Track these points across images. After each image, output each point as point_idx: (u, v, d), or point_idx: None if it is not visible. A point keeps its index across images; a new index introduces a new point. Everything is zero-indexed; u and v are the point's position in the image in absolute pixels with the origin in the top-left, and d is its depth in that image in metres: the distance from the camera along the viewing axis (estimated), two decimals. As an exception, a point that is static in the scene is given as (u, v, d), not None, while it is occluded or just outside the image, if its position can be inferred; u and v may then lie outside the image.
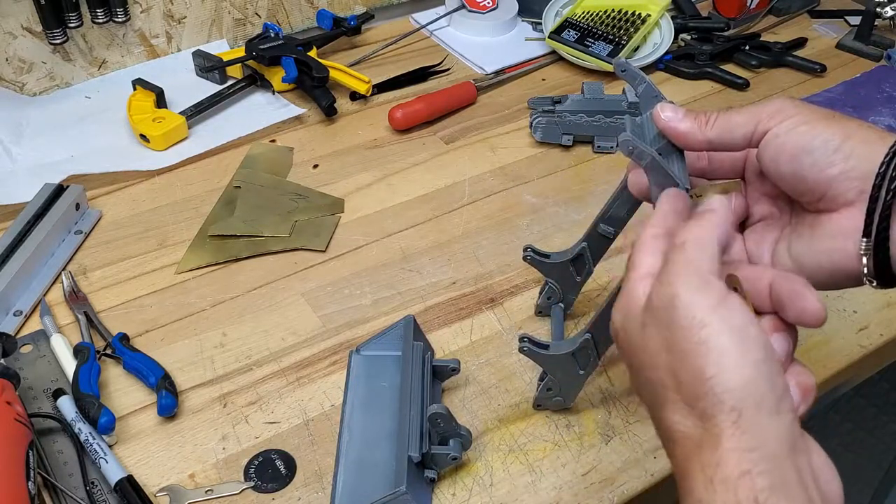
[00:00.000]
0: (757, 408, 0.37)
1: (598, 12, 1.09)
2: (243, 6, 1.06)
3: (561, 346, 0.60)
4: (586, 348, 0.58)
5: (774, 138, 0.45)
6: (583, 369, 0.60)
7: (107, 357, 0.67)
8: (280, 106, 0.98)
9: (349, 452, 0.60)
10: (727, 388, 0.37)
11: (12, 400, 0.56)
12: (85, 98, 0.98)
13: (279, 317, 0.72)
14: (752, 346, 0.38)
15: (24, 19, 0.91)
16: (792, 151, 0.45)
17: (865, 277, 0.45)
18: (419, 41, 1.13)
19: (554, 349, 0.60)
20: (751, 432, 0.37)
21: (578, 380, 0.61)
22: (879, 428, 1.00)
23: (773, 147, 0.46)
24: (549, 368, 0.61)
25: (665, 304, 0.40)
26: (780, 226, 0.50)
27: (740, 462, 0.36)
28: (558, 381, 0.61)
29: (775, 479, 0.36)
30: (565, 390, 0.62)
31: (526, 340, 0.59)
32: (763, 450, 0.37)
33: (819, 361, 0.69)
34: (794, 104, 0.46)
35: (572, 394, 0.62)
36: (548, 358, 0.60)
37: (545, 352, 0.60)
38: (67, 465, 0.59)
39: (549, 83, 1.06)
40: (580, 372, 0.60)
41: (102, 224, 0.82)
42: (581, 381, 0.61)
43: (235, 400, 0.65)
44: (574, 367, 0.60)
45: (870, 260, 0.44)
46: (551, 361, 0.60)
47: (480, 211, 0.84)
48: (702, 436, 0.38)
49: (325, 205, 0.84)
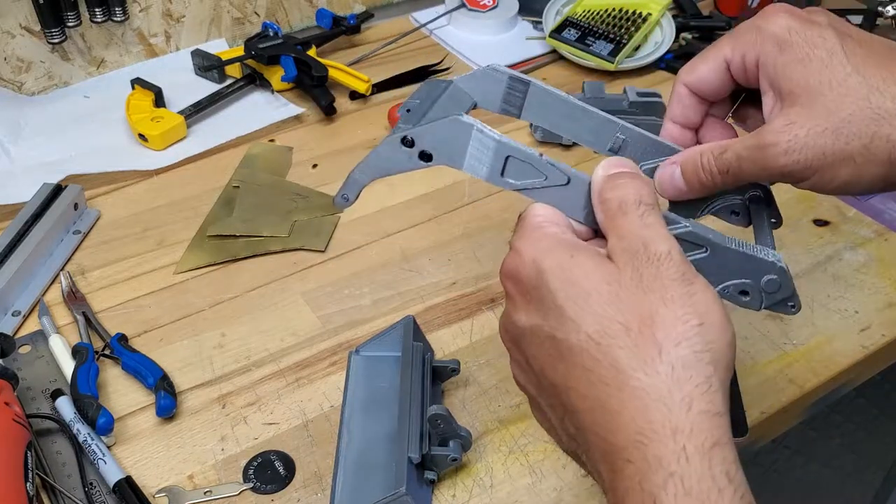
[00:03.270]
0: (726, 371, 0.37)
1: (599, 11, 1.09)
2: (242, 5, 1.05)
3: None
4: None
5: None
6: None
7: (105, 357, 0.67)
8: (279, 105, 0.98)
9: (349, 453, 0.59)
10: (711, 339, 0.36)
11: (10, 400, 0.56)
12: (83, 97, 0.97)
13: (278, 317, 0.72)
14: (729, 317, 0.38)
15: (22, 18, 0.91)
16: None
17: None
18: (419, 40, 1.13)
19: None
20: (720, 395, 0.36)
21: None
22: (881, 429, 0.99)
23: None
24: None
25: (653, 259, 0.38)
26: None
27: (713, 429, 0.35)
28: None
29: (736, 453, 0.36)
30: None
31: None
32: (726, 417, 0.36)
33: (821, 362, 0.68)
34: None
35: None
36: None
37: None
38: (66, 465, 0.59)
39: (549, 82, 1.03)
40: None
41: (101, 224, 0.82)
42: None
43: (234, 401, 0.65)
44: None
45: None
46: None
47: (480, 211, 0.84)
48: (669, 389, 0.35)
49: (324, 204, 0.84)
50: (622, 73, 1.05)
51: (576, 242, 0.41)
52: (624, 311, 0.37)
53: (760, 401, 0.65)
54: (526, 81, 0.49)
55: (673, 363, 0.36)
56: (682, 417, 0.35)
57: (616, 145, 0.50)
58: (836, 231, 0.81)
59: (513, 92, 0.50)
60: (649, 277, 0.38)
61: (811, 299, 0.74)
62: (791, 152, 0.43)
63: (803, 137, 0.43)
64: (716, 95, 0.50)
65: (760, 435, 0.65)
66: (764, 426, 0.65)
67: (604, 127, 0.50)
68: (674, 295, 0.37)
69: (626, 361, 0.36)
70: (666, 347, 0.36)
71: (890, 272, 0.77)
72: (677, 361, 0.36)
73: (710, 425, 0.35)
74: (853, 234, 0.81)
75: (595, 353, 0.37)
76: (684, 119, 0.51)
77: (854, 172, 0.43)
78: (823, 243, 0.80)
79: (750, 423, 0.63)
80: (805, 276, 0.76)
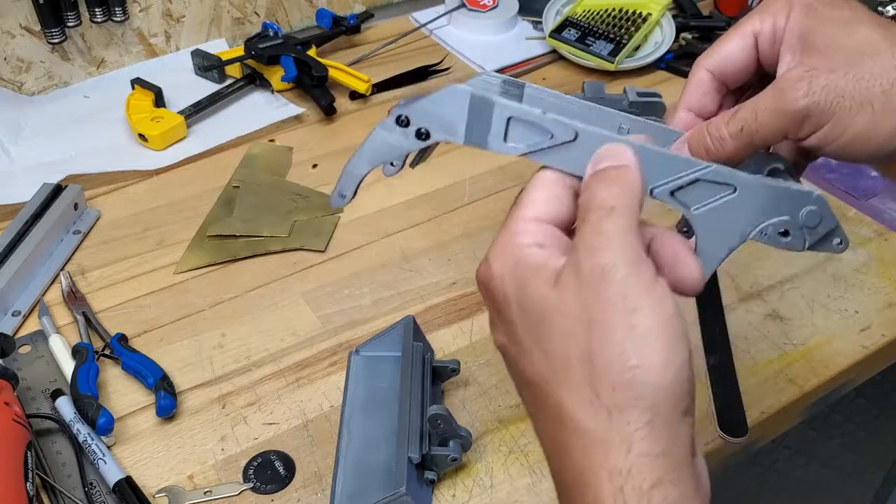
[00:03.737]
0: (672, 410, 0.34)
1: (599, 11, 1.09)
2: (242, 5, 1.05)
3: None
4: None
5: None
6: None
7: (105, 357, 0.67)
8: (279, 105, 0.98)
9: (349, 453, 0.59)
10: (648, 382, 0.34)
11: (10, 400, 0.56)
12: (83, 97, 0.97)
13: (278, 317, 0.72)
14: (679, 343, 0.35)
15: (22, 18, 0.91)
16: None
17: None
18: (419, 40, 1.13)
19: None
20: (664, 436, 0.34)
21: None
22: (881, 429, 0.99)
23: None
24: None
25: (595, 274, 0.35)
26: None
27: (653, 470, 0.33)
28: None
29: (684, 488, 0.34)
30: None
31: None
32: (673, 456, 0.34)
33: (821, 362, 0.68)
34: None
35: None
36: None
37: None
38: (66, 465, 0.59)
39: (549, 82, 1.05)
40: None
41: (101, 224, 0.82)
42: None
43: (234, 401, 0.65)
44: None
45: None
46: None
47: (480, 211, 0.84)
48: (607, 432, 0.34)
49: (324, 204, 0.84)
50: (622, 73, 1.05)
51: (542, 262, 0.37)
52: (568, 348, 0.35)
53: (760, 401, 0.65)
54: (520, 84, 0.48)
55: (610, 408, 0.34)
56: (621, 460, 0.34)
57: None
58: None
59: (509, 94, 0.49)
60: (591, 301, 0.35)
61: (811, 299, 0.74)
62: (812, 94, 0.42)
63: (824, 80, 0.42)
64: (739, 77, 0.48)
65: (760, 435, 0.65)
66: (764, 426, 0.65)
67: (606, 120, 0.49)
68: (612, 327, 0.34)
69: (568, 403, 0.35)
70: (603, 392, 0.34)
71: (890, 272, 0.77)
72: (614, 407, 0.34)
73: (652, 466, 0.34)
74: (853, 234, 0.81)
75: (546, 389, 0.36)
76: (700, 107, 0.49)
77: (871, 120, 0.41)
78: (823, 243, 0.80)
79: (750, 423, 0.63)
80: (805, 276, 0.76)
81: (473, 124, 0.41)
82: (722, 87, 0.49)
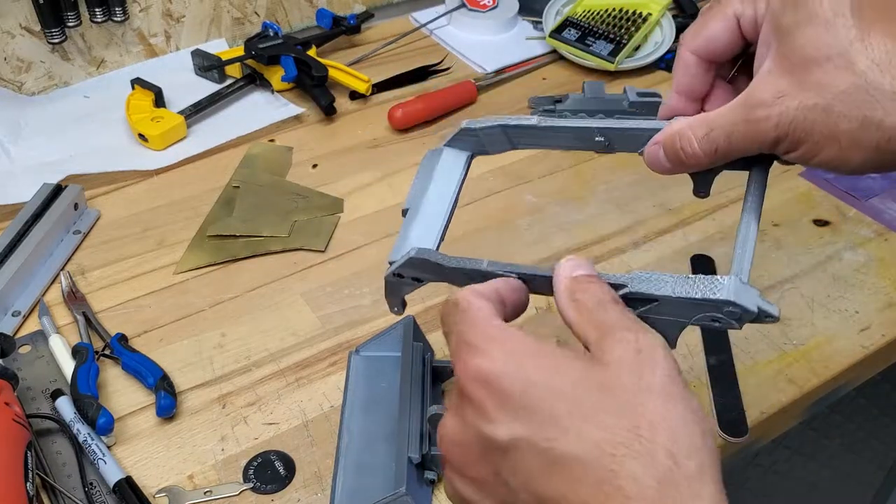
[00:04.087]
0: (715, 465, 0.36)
1: (599, 11, 1.09)
2: (242, 5, 1.05)
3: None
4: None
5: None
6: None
7: (105, 357, 0.67)
8: (279, 105, 0.98)
9: (349, 453, 0.59)
10: (711, 448, 0.35)
11: (10, 401, 0.56)
12: (83, 97, 0.97)
13: (278, 317, 0.72)
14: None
15: (22, 18, 0.91)
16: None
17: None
18: (419, 40, 1.13)
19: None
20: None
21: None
22: (881, 429, 0.99)
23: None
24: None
25: (645, 353, 0.37)
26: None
27: None
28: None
29: None
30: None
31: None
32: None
33: (821, 362, 0.68)
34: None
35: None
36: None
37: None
38: (66, 465, 0.59)
39: (549, 82, 1.06)
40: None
41: (101, 224, 0.82)
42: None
43: (234, 401, 0.65)
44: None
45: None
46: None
47: (480, 211, 0.84)
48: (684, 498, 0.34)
49: (324, 205, 0.84)
50: (622, 73, 1.05)
51: (552, 345, 0.38)
52: (629, 416, 0.35)
53: (760, 401, 0.65)
54: (495, 126, 0.51)
55: (688, 476, 0.34)
56: None
57: (602, 147, 0.51)
58: (836, 231, 0.81)
59: (492, 137, 0.52)
60: (648, 375, 0.36)
61: (811, 299, 0.74)
62: (780, 126, 0.41)
63: (793, 111, 0.41)
64: (726, 54, 0.47)
65: (760, 435, 0.65)
66: (764, 426, 0.65)
67: (582, 134, 0.52)
68: (674, 396, 0.35)
69: (642, 472, 0.34)
70: (679, 458, 0.34)
71: (890, 272, 0.77)
72: (691, 473, 0.34)
73: None
74: (853, 234, 0.81)
75: (609, 463, 0.34)
76: (691, 89, 0.49)
77: (837, 154, 0.41)
78: (823, 243, 0.80)
79: (750, 423, 0.63)
80: (805, 276, 0.76)
81: (444, 277, 0.47)
82: (711, 66, 0.48)
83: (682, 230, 0.82)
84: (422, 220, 0.50)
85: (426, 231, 0.50)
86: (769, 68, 0.43)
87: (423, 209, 0.51)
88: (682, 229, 0.82)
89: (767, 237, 0.80)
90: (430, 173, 0.53)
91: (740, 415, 0.63)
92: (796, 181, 0.88)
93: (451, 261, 0.46)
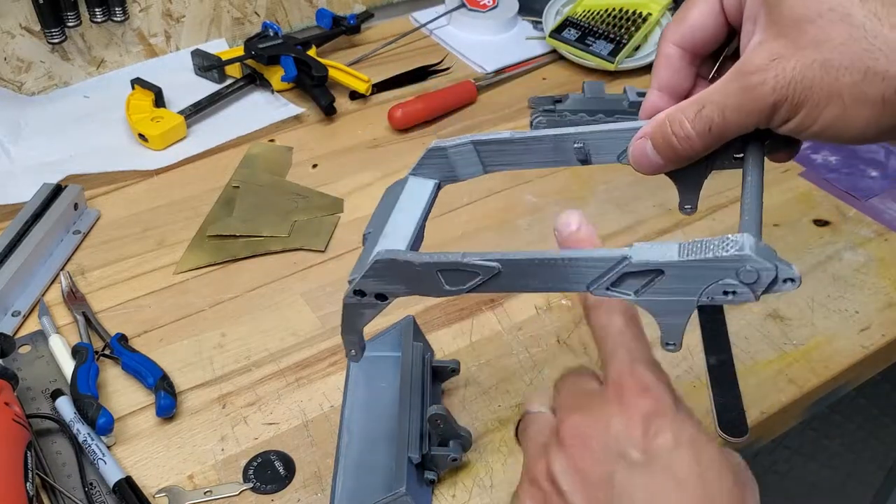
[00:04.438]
0: None
1: (599, 11, 1.09)
2: (242, 5, 1.05)
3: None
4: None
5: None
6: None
7: (105, 357, 0.67)
8: (279, 105, 0.98)
9: (348, 453, 0.59)
10: None
11: (10, 401, 0.56)
12: (83, 97, 0.97)
13: (278, 317, 0.72)
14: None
15: (22, 18, 0.91)
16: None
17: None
18: (419, 40, 1.13)
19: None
20: None
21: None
22: (881, 429, 0.99)
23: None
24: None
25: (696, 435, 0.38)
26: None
27: None
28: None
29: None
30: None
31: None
32: None
33: (821, 362, 0.68)
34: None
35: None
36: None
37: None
38: (66, 466, 0.59)
39: (549, 82, 1.06)
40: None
41: (101, 224, 0.82)
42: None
43: (234, 401, 0.65)
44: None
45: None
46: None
47: (480, 211, 0.84)
48: None
49: (324, 205, 0.84)
50: (622, 73, 1.05)
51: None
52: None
53: (760, 401, 0.65)
54: (466, 142, 0.48)
55: None
56: None
57: (580, 155, 0.47)
58: (836, 231, 0.81)
59: (463, 157, 0.49)
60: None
61: (811, 299, 0.74)
62: (778, 88, 0.38)
63: (790, 71, 0.38)
64: (710, 45, 0.45)
65: (760, 435, 0.65)
66: (764, 426, 0.65)
67: (560, 143, 0.47)
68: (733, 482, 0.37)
69: None
70: None
71: (890, 272, 0.77)
72: None
73: None
74: (853, 234, 0.81)
75: None
76: (673, 85, 0.46)
77: (840, 113, 0.38)
78: (823, 243, 0.80)
79: (750, 423, 0.63)
80: (805, 276, 0.76)
81: (413, 283, 0.43)
82: (694, 59, 0.46)
83: (682, 230, 0.82)
84: (386, 238, 0.46)
85: (393, 244, 0.45)
86: (760, 39, 0.40)
87: (387, 231, 0.47)
88: (682, 229, 0.82)
89: (767, 237, 0.80)
90: (392, 202, 0.48)
91: (740, 415, 0.63)
92: (796, 181, 0.88)
93: (423, 256, 0.42)
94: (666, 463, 0.37)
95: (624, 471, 0.37)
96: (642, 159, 0.44)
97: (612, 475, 0.37)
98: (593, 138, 0.46)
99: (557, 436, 0.40)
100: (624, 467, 0.37)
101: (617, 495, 0.37)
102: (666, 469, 0.37)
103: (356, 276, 0.44)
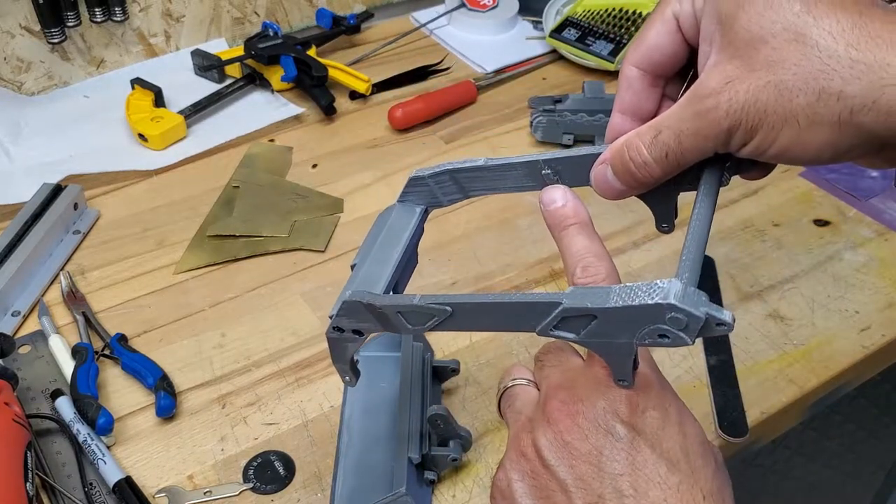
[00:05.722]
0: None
1: (599, 11, 1.09)
2: (242, 5, 1.05)
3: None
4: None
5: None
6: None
7: (105, 358, 0.67)
8: (279, 105, 0.98)
9: (349, 454, 0.59)
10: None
11: (10, 401, 0.56)
12: (83, 97, 0.97)
13: (278, 317, 0.72)
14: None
15: (22, 18, 0.91)
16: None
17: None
18: (419, 40, 1.13)
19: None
20: None
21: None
22: (881, 429, 0.99)
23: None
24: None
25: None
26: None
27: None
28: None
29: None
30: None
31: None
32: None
33: (821, 362, 0.68)
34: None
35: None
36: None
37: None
38: (66, 466, 0.59)
39: (549, 82, 1.06)
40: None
41: (101, 224, 0.82)
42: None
43: (234, 401, 0.65)
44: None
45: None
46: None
47: (480, 211, 0.84)
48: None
49: (324, 205, 0.84)
50: (622, 72, 1.05)
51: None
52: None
53: (760, 401, 0.65)
54: (443, 171, 0.49)
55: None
56: None
57: (549, 180, 0.47)
58: (836, 231, 0.81)
59: (443, 185, 0.50)
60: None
61: (811, 299, 0.74)
62: (732, 112, 0.37)
63: (743, 94, 0.37)
64: (670, 65, 0.44)
65: (760, 435, 0.65)
66: (764, 426, 0.65)
67: (530, 169, 0.48)
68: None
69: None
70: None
71: (890, 272, 0.77)
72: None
73: None
74: (853, 234, 0.81)
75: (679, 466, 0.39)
76: (636, 108, 0.45)
77: (796, 136, 0.37)
78: (823, 243, 0.80)
79: (750, 423, 0.63)
80: (805, 276, 0.76)
81: (382, 321, 0.44)
82: (656, 80, 0.44)
83: (682, 230, 0.81)
84: (368, 272, 0.47)
85: (372, 281, 0.46)
86: (714, 61, 0.39)
87: (371, 262, 0.47)
88: (682, 229, 0.82)
89: (768, 237, 0.80)
90: (381, 229, 0.50)
91: (740, 415, 0.63)
92: (796, 181, 0.88)
93: (384, 299, 0.43)
94: (653, 438, 0.39)
95: (611, 445, 0.39)
96: (604, 185, 0.44)
97: (600, 450, 0.39)
98: (562, 164, 0.46)
99: (544, 410, 0.41)
100: (611, 442, 0.39)
101: (604, 469, 0.39)
102: (653, 444, 0.39)
103: (333, 313, 0.45)
